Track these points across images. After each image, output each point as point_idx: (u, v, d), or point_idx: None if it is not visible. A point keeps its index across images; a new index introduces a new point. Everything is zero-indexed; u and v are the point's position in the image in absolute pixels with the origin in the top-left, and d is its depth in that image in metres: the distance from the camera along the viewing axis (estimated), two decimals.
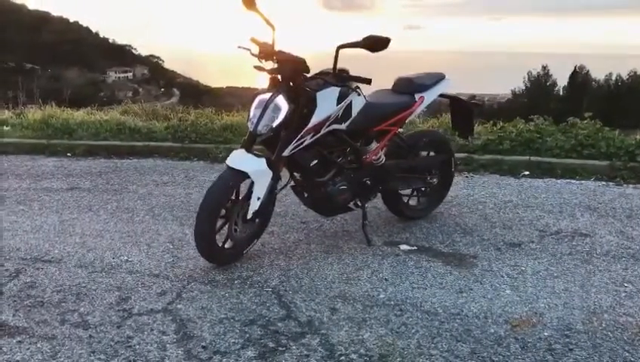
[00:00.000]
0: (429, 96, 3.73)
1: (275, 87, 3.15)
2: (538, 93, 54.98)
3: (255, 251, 3.41)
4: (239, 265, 3.23)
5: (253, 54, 3.22)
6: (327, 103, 3.16)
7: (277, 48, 3.17)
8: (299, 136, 3.11)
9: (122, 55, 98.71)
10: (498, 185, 4.95)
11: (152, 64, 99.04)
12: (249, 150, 3.14)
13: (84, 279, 3.08)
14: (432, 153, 4.02)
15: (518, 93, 59.92)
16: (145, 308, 2.75)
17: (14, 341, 2.47)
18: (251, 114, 3.15)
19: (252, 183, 3.09)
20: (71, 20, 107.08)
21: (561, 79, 58.76)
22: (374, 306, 2.76)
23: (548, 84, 58.91)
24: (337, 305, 2.77)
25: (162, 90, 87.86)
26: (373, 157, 3.59)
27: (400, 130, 3.94)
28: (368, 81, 3.19)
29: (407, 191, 3.99)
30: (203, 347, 2.41)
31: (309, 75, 3.17)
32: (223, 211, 3.14)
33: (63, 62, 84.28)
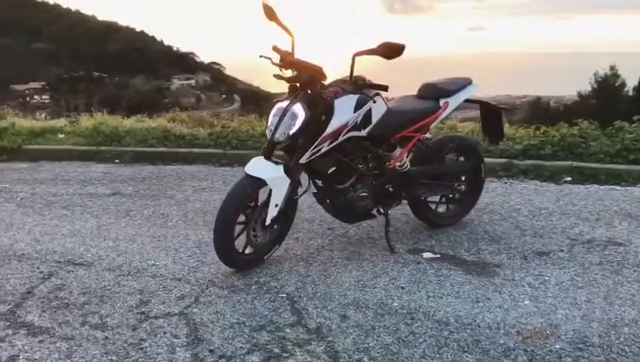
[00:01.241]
0: (454, 102, 3.68)
1: (294, 94, 3.19)
2: (606, 94, 52.79)
3: (277, 257, 3.45)
4: (259, 271, 3.28)
5: (274, 63, 3.26)
6: (344, 111, 3.17)
7: (296, 56, 3.21)
8: (316, 143, 3.14)
9: (185, 62, 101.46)
10: (536, 191, 4.81)
11: (214, 71, 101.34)
12: (268, 157, 3.19)
13: (110, 282, 3.20)
14: (460, 159, 3.96)
15: (585, 94, 57.77)
16: (162, 312, 2.84)
17: (36, 340, 2.59)
18: (270, 121, 3.20)
19: (270, 190, 3.14)
20: (137, 30, 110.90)
21: (631, 80, 56.22)
22: (386, 314, 2.75)
23: (616, 84, 56.51)
24: (349, 313, 2.77)
25: (224, 96, 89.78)
26: (397, 164, 3.57)
27: (428, 135, 3.90)
28: (385, 88, 3.19)
29: (435, 198, 3.94)
30: (210, 351, 2.47)
31: (326, 83, 3.19)
32: (243, 217, 3.20)
33: (129, 70, 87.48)
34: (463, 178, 3.94)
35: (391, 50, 2.98)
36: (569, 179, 5.05)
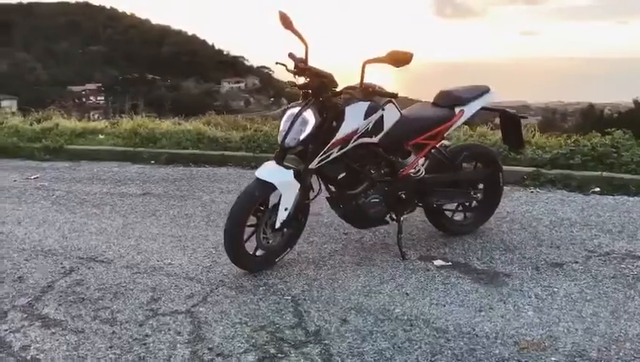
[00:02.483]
0: (469, 110, 3.67)
1: (305, 101, 3.25)
2: None
3: (289, 259, 3.52)
4: (269, 273, 3.34)
5: (288, 70, 3.34)
6: (354, 117, 3.21)
7: (309, 64, 3.27)
8: (325, 148, 3.19)
9: (235, 66, 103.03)
10: (562, 201, 4.73)
11: (263, 74, 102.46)
12: (279, 162, 3.26)
13: (126, 279, 3.33)
14: (479, 167, 3.94)
15: None
16: (170, 309, 2.93)
17: (49, 332, 2.73)
18: (281, 127, 3.26)
19: (281, 194, 3.20)
20: (189, 33, 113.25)
21: None
22: (386, 320, 2.77)
23: None
24: (349, 317, 2.81)
25: (272, 99, 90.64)
26: (411, 171, 3.58)
27: (446, 142, 3.90)
28: (394, 96, 3.22)
29: (452, 206, 3.93)
30: (209, 349, 2.55)
31: (337, 90, 3.24)
32: (255, 220, 3.28)
33: (181, 73, 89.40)
34: (481, 186, 3.91)
35: (398, 59, 3.01)
36: (597, 189, 4.94)
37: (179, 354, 2.51)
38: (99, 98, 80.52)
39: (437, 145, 3.69)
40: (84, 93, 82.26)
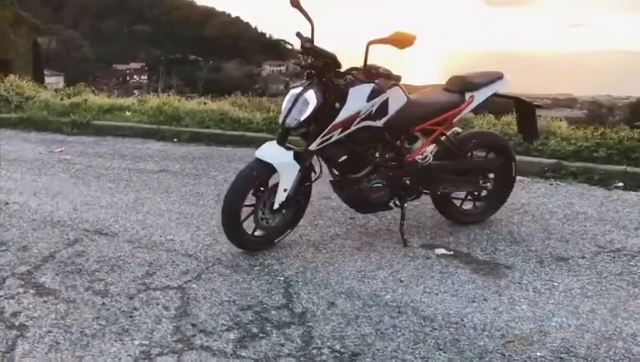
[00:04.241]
0: (480, 96, 3.56)
1: (309, 81, 3.21)
2: None
3: (289, 241, 3.50)
4: (266, 253, 3.34)
5: (297, 50, 3.30)
6: (357, 99, 3.16)
7: (315, 43, 3.22)
8: (326, 131, 3.14)
9: (277, 49, 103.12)
10: (582, 195, 4.58)
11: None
12: (281, 143, 3.23)
13: (126, 253, 3.37)
14: (490, 156, 3.83)
15: None
16: (162, 284, 2.96)
17: (41, 300, 2.78)
18: (283, 106, 3.23)
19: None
20: (233, 15, 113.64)
21: None
22: (375, 305, 2.74)
23: None
24: (338, 301, 2.78)
25: None
26: (418, 157, 3.51)
27: (458, 129, 3.80)
28: (397, 79, 3.14)
29: (461, 195, 3.85)
30: (192, 325, 2.56)
31: (341, 71, 3.19)
32: (254, 200, 3.27)
33: (223, 55, 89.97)
34: (491, 176, 3.81)
35: (402, 40, 2.94)
36: (620, 184, 4.76)
37: (162, 328, 2.53)
38: (142, 77, 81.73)
39: (445, 132, 3.60)
40: (127, 71, 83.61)
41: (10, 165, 5.53)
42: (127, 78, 79.63)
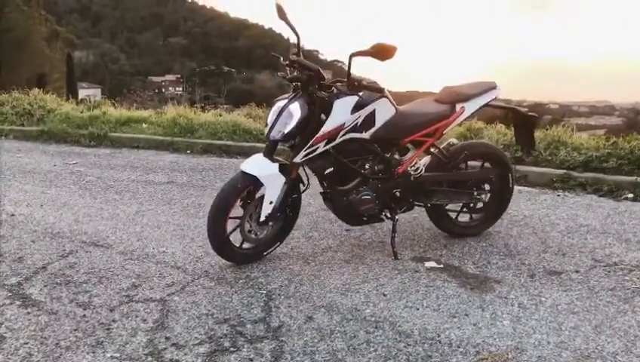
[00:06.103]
0: (471, 107, 3.51)
1: (294, 94, 3.21)
2: None
3: (279, 253, 3.50)
4: (254, 266, 3.33)
5: (283, 62, 3.31)
6: (341, 112, 3.14)
7: (300, 57, 3.23)
8: (309, 143, 3.13)
9: (310, 60, 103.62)
10: (588, 207, 4.47)
11: (336, 68, 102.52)
12: (267, 155, 3.23)
13: (116, 265, 3.40)
14: (486, 166, 3.76)
15: None
16: (145, 296, 2.97)
17: (24, 312, 2.82)
18: (268, 119, 3.24)
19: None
20: (266, 27, 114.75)
21: None
22: (353, 320, 2.70)
23: None
24: (317, 315, 2.75)
25: None
26: (410, 169, 3.47)
27: (454, 140, 3.75)
28: (380, 90, 3.12)
29: (456, 207, 3.79)
30: (166, 338, 2.56)
31: (326, 83, 3.18)
32: (242, 212, 3.27)
33: (256, 66, 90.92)
34: (487, 187, 3.74)
35: (383, 52, 2.91)
36: (630, 195, 4.64)
37: (136, 341, 2.53)
38: (177, 89, 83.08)
39: (437, 143, 3.55)
40: (163, 83, 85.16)
41: (24, 177, 5.67)
42: (163, 90, 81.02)
